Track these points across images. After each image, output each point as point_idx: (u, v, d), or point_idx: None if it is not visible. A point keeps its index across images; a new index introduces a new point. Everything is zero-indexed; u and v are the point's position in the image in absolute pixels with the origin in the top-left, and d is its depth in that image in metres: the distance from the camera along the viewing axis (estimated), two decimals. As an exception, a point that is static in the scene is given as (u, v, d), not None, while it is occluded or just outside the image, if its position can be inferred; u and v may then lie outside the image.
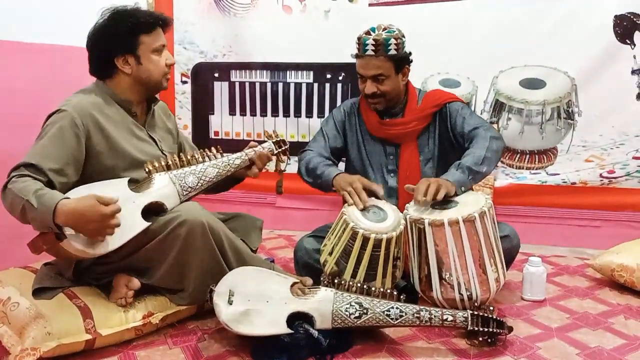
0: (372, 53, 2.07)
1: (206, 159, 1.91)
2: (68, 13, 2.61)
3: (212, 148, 1.95)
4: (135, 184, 1.77)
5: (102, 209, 1.54)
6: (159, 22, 1.84)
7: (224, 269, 1.77)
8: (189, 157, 1.88)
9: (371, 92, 2.12)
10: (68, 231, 1.55)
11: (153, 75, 1.84)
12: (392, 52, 2.07)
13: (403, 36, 2.11)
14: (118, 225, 1.58)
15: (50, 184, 1.64)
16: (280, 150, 2.08)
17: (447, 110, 2.18)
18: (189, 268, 1.76)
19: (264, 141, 2.07)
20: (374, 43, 2.05)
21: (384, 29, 2.08)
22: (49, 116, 1.75)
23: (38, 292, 1.74)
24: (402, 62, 2.12)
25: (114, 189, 1.70)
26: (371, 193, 1.98)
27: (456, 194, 1.92)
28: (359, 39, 2.10)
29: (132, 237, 1.66)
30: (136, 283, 1.76)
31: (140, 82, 1.84)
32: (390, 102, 2.17)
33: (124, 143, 1.81)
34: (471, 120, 2.14)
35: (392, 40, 2.05)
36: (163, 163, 1.82)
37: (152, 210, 1.73)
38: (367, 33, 2.08)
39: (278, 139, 2.09)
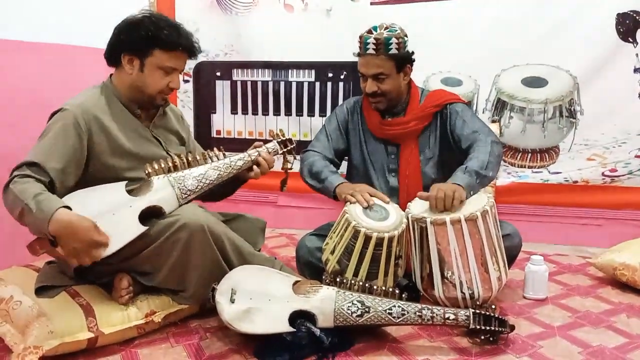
0: (373, 52, 2.06)
1: (208, 160, 1.89)
2: (71, 13, 2.62)
3: (215, 149, 1.93)
4: (134, 187, 1.77)
5: (94, 236, 1.56)
6: (180, 46, 1.81)
7: (225, 271, 1.77)
8: (190, 159, 1.86)
9: (372, 91, 2.11)
10: None
11: (148, 88, 1.82)
12: (393, 51, 2.06)
13: (405, 35, 2.10)
14: (97, 258, 1.59)
15: (52, 183, 1.64)
16: (285, 149, 2.04)
17: (447, 111, 2.17)
18: (190, 271, 1.76)
19: (269, 141, 2.05)
20: (374, 42, 2.05)
21: (386, 28, 2.07)
22: (52, 115, 1.76)
23: (40, 291, 1.74)
24: (403, 61, 2.11)
25: (111, 193, 1.71)
26: None
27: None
28: (360, 37, 2.10)
29: (129, 241, 1.66)
30: (125, 282, 1.75)
31: (135, 87, 1.83)
32: (391, 101, 2.16)
33: (127, 142, 1.81)
34: (471, 123, 2.12)
35: (394, 40, 2.05)
36: (163, 165, 1.80)
37: (150, 214, 1.73)
38: (369, 32, 2.08)
39: (284, 139, 2.05)
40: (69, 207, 1.57)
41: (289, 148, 2.05)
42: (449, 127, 2.16)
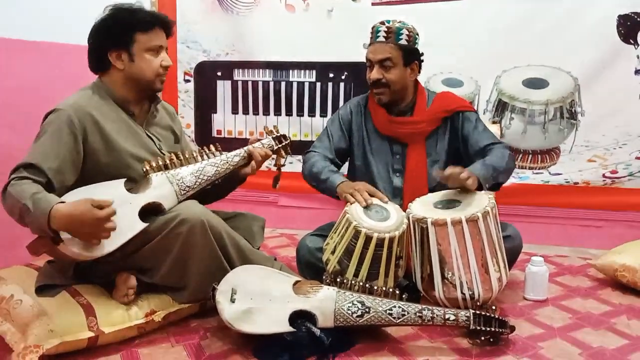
0: (383, 40, 2.09)
1: (205, 157, 1.91)
2: (71, 11, 2.61)
3: (211, 146, 1.94)
4: (132, 185, 1.78)
5: (97, 213, 1.53)
6: (157, 22, 1.85)
7: (225, 267, 1.77)
8: (186, 156, 1.87)
9: (376, 79, 2.11)
10: (64, 235, 1.54)
11: (145, 74, 1.83)
12: (403, 41, 2.08)
13: (417, 34, 2.14)
14: (114, 228, 1.57)
15: (49, 184, 1.64)
16: (280, 145, 2.06)
17: (460, 118, 2.17)
18: (190, 266, 1.76)
19: (264, 138, 2.06)
20: (386, 30, 2.08)
21: (399, 22, 2.12)
22: (46, 116, 1.76)
23: (41, 290, 1.74)
24: (411, 55, 2.13)
25: (110, 190, 1.70)
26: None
27: (480, 188, 1.91)
28: (372, 27, 2.14)
29: (130, 238, 1.66)
30: (132, 281, 1.76)
31: (132, 79, 1.84)
32: (394, 94, 2.15)
33: (122, 141, 1.81)
34: (485, 134, 2.15)
35: (404, 31, 2.08)
36: (160, 162, 1.81)
37: (149, 211, 1.73)
38: (382, 23, 2.12)
39: (278, 135, 2.07)
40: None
41: (283, 144, 2.07)
42: (461, 134, 2.17)
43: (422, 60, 2.18)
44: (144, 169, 1.78)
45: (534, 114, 2.87)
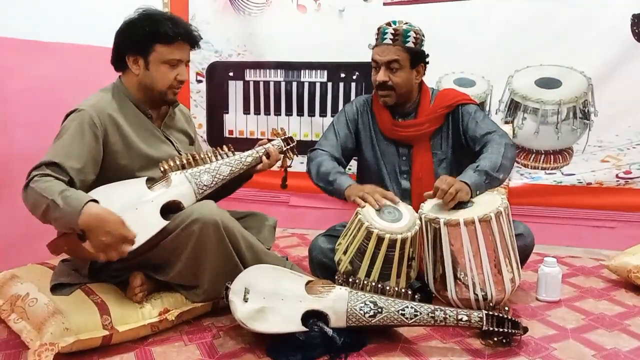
0: (390, 42, 2.07)
1: (219, 157, 1.93)
2: (85, 12, 2.64)
3: (224, 146, 1.96)
4: (153, 183, 1.79)
5: (125, 231, 1.56)
6: (181, 36, 1.82)
7: (238, 267, 1.78)
8: (202, 156, 1.89)
9: (382, 81, 2.10)
10: None
11: (157, 85, 1.84)
12: (410, 44, 2.07)
13: (423, 35, 2.12)
14: (124, 253, 1.58)
15: (71, 182, 1.66)
16: (288, 147, 2.10)
17: (459, 112, 2.16)
18: (203, 266, 1.77)
19: (273, 139, 2.09)
20: (393, 32, 2.07)
21: (405, 23, 2.10)
22: (67, 115, 1.77)
23: (56, 288, 1.76)
24: (417, 57, 2.12)
25: (133, 187, 1.73)
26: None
27: (471, 197, 1.90)
28: (378, 28, 2.12)
29: (152, 235, 1.68)
30: (137, 280, 1.77)
31: (145, 86, 1.85)
32: (400, 97, 2.15)
33: (140, 142, 1.83)
34: (484, 124, 2.12)
35: (412, 33, 2.07)
36: (178, 162, 1.83)
37: (169, 209, 1.75)
38: (388, 24, 2.11)
39: (286, 136, 2.11)
40: (96, 201, 1.58)
41: (291, 146, 2.11)
42: (462, 128, 2.15)
43: (428, 62, 2.17)
44: (163, 168, 1.80)
45: (547, 114, 2.86)
